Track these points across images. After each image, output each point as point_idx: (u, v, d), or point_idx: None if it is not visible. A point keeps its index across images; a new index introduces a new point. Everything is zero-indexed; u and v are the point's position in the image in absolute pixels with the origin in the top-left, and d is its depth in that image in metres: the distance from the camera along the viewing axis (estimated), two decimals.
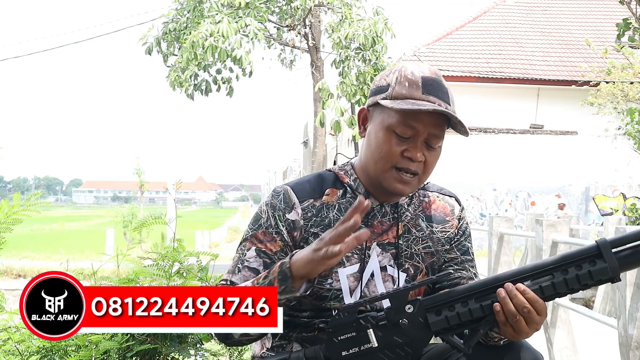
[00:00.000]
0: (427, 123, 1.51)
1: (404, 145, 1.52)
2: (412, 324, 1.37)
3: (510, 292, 1.35)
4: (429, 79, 1.53)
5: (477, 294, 1.37)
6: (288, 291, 1.40)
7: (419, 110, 1.48)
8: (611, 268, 1.33)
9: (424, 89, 1.51)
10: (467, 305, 1.37)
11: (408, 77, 1.53)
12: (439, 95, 1.51)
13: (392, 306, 1.39)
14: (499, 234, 6.58)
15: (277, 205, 1.59)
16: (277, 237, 1.56)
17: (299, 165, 32.38)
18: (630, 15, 6.60)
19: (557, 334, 4.57)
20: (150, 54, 12.72)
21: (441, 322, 1.37)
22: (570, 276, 1.34)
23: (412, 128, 1.51)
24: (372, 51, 11.71)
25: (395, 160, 1.53)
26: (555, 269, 1.35)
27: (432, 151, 1.55)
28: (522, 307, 1.34)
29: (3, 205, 2.34)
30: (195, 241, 17.45)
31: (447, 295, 1.39)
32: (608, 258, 1.33)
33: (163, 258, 2.42)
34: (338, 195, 1.61)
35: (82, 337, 2.21)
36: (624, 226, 3.70)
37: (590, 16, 19.82)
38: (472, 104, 16.70)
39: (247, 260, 1.56)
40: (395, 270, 1.60)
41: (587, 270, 1.33)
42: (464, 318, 1.36)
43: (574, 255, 1.35)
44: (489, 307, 1.36)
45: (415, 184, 1.56)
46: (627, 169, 14.66)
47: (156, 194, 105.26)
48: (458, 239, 1.68)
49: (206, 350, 2.43)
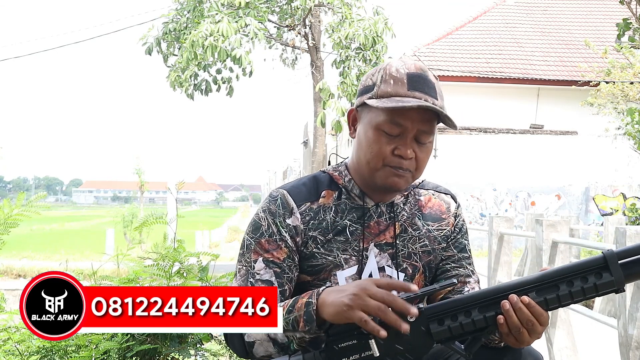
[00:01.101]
0: (415, 120, 1.51)
1: (394, 144, 1.52)
2: (414, 332, 1.35)
3: (514, 304, 1.33)
4: (414, 75, 1.52)
5: (480, 305, 1.35)
6: (313, 332, 1.38)
7: (404, 107, 1.48)
8: (617, 281, 1.31)
9: (409, 85, 1.50)
10: (470, 316, 1.35)
11: (393, 75, 1.52)
12: (425, 91, 1.50)
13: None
14: (499, 234, 6.58)
15: (276, 211, 1.57)
16: (282, 244, 1.55)
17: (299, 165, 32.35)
18: (630, 15, 6.60)
19: (557, 334, 4.57)
20: (150, 54, 12.72)
21: (443, 332, 1.35)
22: (575, 289, 1.32)
23: (400, 125, 1.50)
24: (373, 51, 11.72)
25: (386, 159, 1.52)
26: (561, 281, 1.33)
27: (423, 147, 1.54)
28: (526, 321, 1.33)
29: (5, 205, 2.34)
30: (195, 241, 17.46)
31: (450, 305, 1.37)
32: (614, 271, 1.31)
33: (163, 258, 2.42)
34: (334, 197, 1.61)
35: (82, 337, 2.21)
36: (624, 226, 3.69)
37: (590, 16, 19.82)
38: (472, 104, 16.70)
39: (257, 273, 1.54)
40: (393, 270, 1.59)
41: (592, 284, 1.31)
42: (467, 328, 1.35)
43: (579, 266, 1.33)
44: (492, 319, 1.34)
45: (409, 179, 1.55)
46: (627, 169, 14.67)
47: (156, 194, 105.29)
48: (455, 237, 1.67)
49: (206, 350, 2.43)
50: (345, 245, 1.57)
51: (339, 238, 1.57)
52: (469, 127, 16.42)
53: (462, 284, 1.64)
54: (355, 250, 1.57)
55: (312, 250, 1.56)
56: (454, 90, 16.65)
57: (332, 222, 1.58)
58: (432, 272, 1.65)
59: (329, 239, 1.57)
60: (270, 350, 1.45)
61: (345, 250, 1.57)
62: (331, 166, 1.68)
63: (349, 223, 1.58)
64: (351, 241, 1.57)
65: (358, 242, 1.58)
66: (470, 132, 16.39)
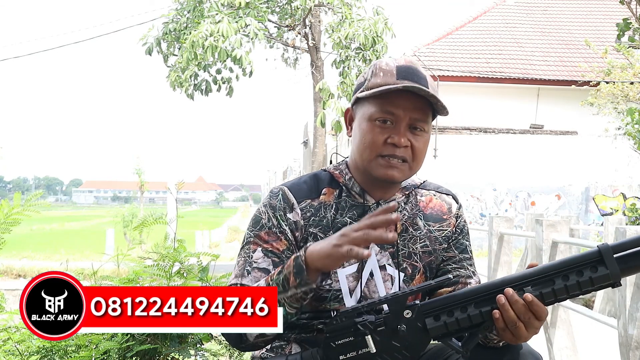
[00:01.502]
0: (406, 107, 1.52)
1: (387, 133, 1.52)
2: (411, 329, 1.36)
3: (510, 298, 1.33)
4: (404, 67, 1.54)
5: (476, 300, 1.36)
6: (304, 284, 1.38)
7: (389, 89, 1.49)
8: (612, 274, 1.31)
9: (398, 75, 1.52)
10: (466, 311, 1.35)
11: (382, 68, 1.55)
12: (415, 80, 1.51)
13: (391, 311, 1.37)
14: (499, 234, 6.58)
15: (277, 205, 1.58)
16: (282, 236, 1.56)
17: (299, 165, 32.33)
18: (630, 15, 6.60)
19: (557, 334, 4.57)
20: (150, 54, 12.72)
21: (440, 328, 1.36)
22: (571, 283, 1.32)
23: (391, 114, 1.52)
24: (373, 51, 11.71)
25: (379, 148, 1.53)
26: (556, 275, 1.33)
27: (418, 136, 1.54)
28: (522, 314, 1.33)
29: (3, 205, 2.34)
30: (195, 241, 17.46)
31: (446, 301, 1.37)
32: (610, 264, 1.31)
33: (163, 258, 2.42)
34: (335, 195, 1.61)
35: (82, 337, 2.21)
36: (624, 226, 3.70)
37: (590, 16, 19.82)
38: (472, 104, 16.70)
39: (255, 261, 1.54)
40: (394, 269, 1.59)
41: (588, 277, 1.31)
42: (463, 324, 1.35)
43: (575, 260, 1.33)
44: (488, 314, 1.34)
45: (405, 170, 1.55)
46: (627, 169, 14.66)
47: (156, 194, 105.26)
48: (456, 237, 1.67)
49: (206, 350, 2.43)
50: None
51: None
52: (469, 127, 16.42)
53: (464, 285, 1.63)
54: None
55: None
56: (454, 90, 16.65)
57: (333, 219, 1.58)
58: (434, 273, 1.65)
59: (329, 237, 1.57)
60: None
61: None
62: (332, 165, 1.68)
63: (349, 221, 1.58)
64: None
65: None
66: (470, 132, 16.39)
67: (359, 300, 1.56)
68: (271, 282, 1.43)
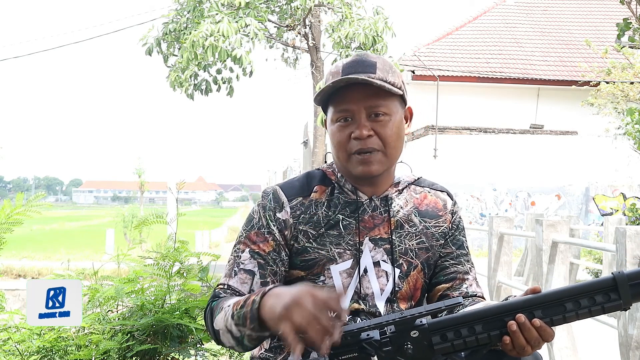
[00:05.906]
0: (357, 99, 1.53)
1: (350, 129, 1.55)
2: (417, 348, 1.34)
3: (522, 325, 1.30)
4: (350, 62, 1.56)
5: (485, 322, 1.33)
6: (257, 331, 1.34)
7: (330, 88, 1.53)
8: (625, 303, 1.30)
9: (344, 72, 1.54)
10: (474, 333, 1.33)
11: (332, 71, 1.58)
12: (359, 70, 1.53)
13: (397, 331, 1.35)
14: (499, 234, 6.58)
15: (267, 205, 1.60)
16: (269, 237, 1.57)
17: (299, 165, 32.32)
18: (630, 15, 6.60)
19: (557, 334, 4.57)
20: (150, 54, 12.71)
21: (446, 348, 1.34)
22: (582, 311, 1.31)
23: (346, 110, 1.55)
24: (373, 50, 11.71)
25: (347, 146, 1.55)
26: (567, 301, 1.31)
27: (381, 122, 1.54)
28: (532, 340, 1.31)
29: (5, 205, 2.34)
30: (195, 241, 17.45)
31: (454, 321, 1.34)
32: (623, 293, 1.29)
33: (164, 258, 2.42)
34: (327, 192, 1.62)
35: (82, 337, 2.21)
36: (624, 226, 3.70)
37: (590, 16, 19.84)
38: (472, 104, 16.71)
39: (242, 262, 1.57)
40: (389, 265, 1.60)
41: (600, 305, 1.30)
42: (470, 345, 1.33)
43: (588, 287, 1.31)
44: (497, 337, 1.32)
45: (381, 159, 1.56)
46: (627, 169, 14.66)
47: (156, 194, 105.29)
48: (453, 234, 1.68)
49: (206, 350, 2.42)
50: (338, 240, 1.58)
51: (331, 232, 1.58)
52: (469, 127, 16.42)
53: (461, 281, 1.65)
54: (349, 245, 1.58)
55: (304, 244, 1.57)
56: (454, 90, 16.66)
57: (325, 216, 1.59)
58: (431, 269, 1.65)
59: (321, 233, 1.58)
60: (231, 342, 1.43)
61: (339, 244, 1.58)
62: (326, 164, 1.70)
63: (342, 217, 1.59)
64: (345, 235, 1.58)
65: (352, 236, 1.58)
66: (470, 132, 16.38)
67: (352, 296, 1.57)
68: (234, 312, 1.38)
